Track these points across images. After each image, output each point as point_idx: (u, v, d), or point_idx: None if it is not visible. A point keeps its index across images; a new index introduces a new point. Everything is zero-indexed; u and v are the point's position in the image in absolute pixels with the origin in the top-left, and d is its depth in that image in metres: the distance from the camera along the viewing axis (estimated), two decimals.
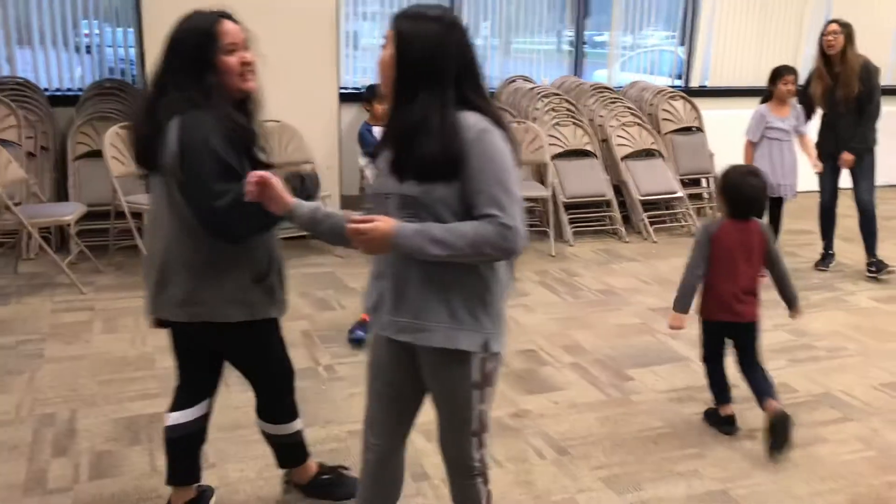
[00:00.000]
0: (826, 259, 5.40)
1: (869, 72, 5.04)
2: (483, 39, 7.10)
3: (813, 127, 5.30)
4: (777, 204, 5.16)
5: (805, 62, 7.75)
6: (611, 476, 2.89)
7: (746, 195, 3.12)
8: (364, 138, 5.02)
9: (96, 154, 5.24)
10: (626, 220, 6.08)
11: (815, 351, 4.05)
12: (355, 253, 5.41)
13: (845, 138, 5.07)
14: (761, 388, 3.11)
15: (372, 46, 6.79)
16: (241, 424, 3.08)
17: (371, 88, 5.41)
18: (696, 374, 3.73)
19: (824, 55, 5.09)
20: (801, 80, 5.31)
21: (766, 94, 5.20)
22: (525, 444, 3.10)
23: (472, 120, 1.84)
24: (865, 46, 8.68)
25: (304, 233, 5.48)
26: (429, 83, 1.84)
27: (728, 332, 3.20)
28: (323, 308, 4.49)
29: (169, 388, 2.54)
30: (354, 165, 5.91)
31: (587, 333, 4.19)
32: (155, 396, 3.36)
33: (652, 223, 6.03)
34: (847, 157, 5.05)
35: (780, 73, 5.12)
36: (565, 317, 4.42)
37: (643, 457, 3.03)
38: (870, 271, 5.20)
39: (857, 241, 5.45)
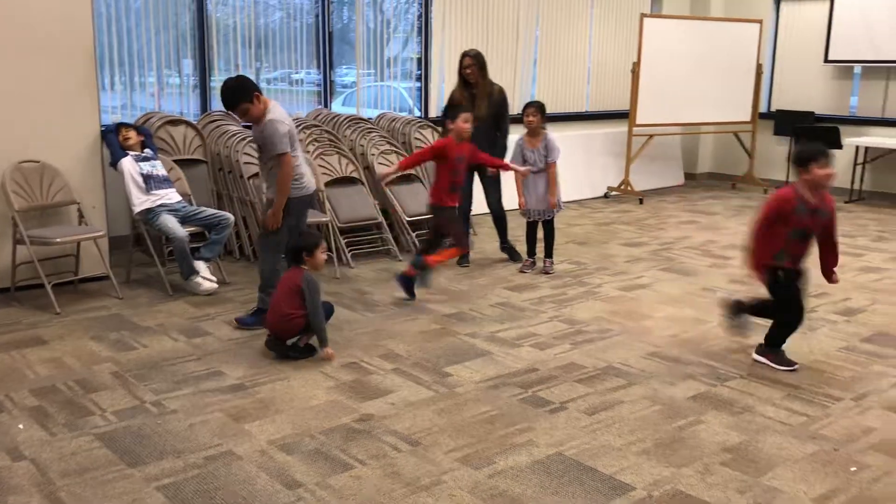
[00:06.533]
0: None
1: (501, 96, 6.00)
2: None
3: None
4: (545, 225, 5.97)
5: (524, 97, 8.80)
6: (464, 456, 3.21)
7: None
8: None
9: None
10: (396, 240, 6.48)
11: (588, 335, 4.69)
12: (139, 293, 5.27)
13: (483, 149, 5.69)
14: None
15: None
16: None
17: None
18: (501, 364, 4.20)
19: (465, 81, 6.01)
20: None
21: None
22: (379, 442, 3.32)
23: None
24: (566, 77, 9.97)
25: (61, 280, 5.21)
26: None
27: None
28: (123, 349, 4.33)
29: None
30: (121, 204, 5.70)
31: (397, 342, 4.49)
32: None
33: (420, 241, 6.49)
34: None
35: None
36: (372, 330, 4.68)
37: (484, 436, 3.39)
38: (503, 248, 6.31)
39: (590, 244, 6.29)
